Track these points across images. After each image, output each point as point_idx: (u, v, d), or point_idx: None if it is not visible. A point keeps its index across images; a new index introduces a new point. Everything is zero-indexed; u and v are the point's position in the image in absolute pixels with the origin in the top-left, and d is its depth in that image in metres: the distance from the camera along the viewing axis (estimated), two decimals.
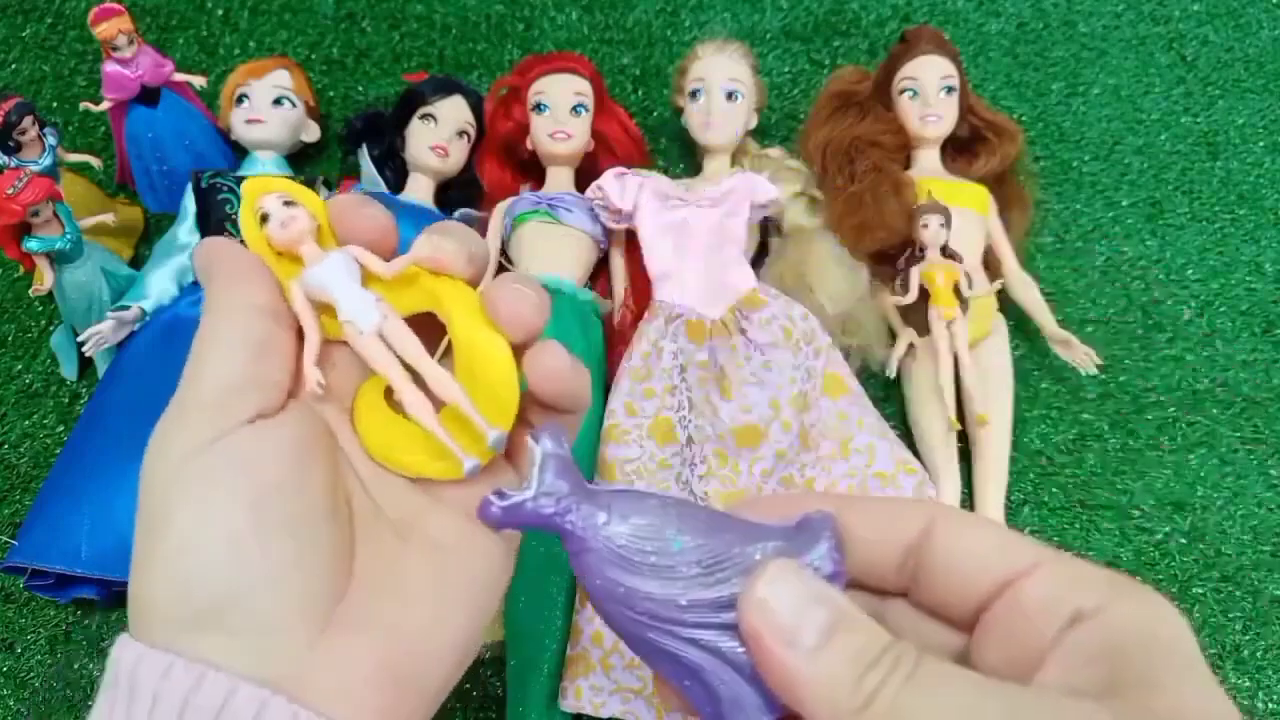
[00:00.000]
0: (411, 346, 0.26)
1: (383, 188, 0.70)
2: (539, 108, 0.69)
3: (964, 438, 0.64)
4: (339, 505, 0.25)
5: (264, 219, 0.26)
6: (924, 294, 0.65)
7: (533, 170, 0.73)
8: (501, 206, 0.70)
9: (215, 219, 0.68)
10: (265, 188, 0.27)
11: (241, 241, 0.27)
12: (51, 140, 0.67)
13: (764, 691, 0.21)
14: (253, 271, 0.26)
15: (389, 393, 0.26)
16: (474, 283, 0.27)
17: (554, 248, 0.67)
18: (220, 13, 0.88)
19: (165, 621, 0.22)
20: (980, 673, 0.20)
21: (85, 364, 0.68)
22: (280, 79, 0.73)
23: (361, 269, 0.26)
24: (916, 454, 0.63)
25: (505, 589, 0.27)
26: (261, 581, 0.22)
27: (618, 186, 0.66)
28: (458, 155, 0.71)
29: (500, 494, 0.24)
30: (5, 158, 0.65)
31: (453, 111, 0.71)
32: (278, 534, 0.23)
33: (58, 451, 0.63)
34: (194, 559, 0.22)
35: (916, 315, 0.65)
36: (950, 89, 0.71)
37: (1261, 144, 0.81)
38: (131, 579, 0.23)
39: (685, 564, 0.21)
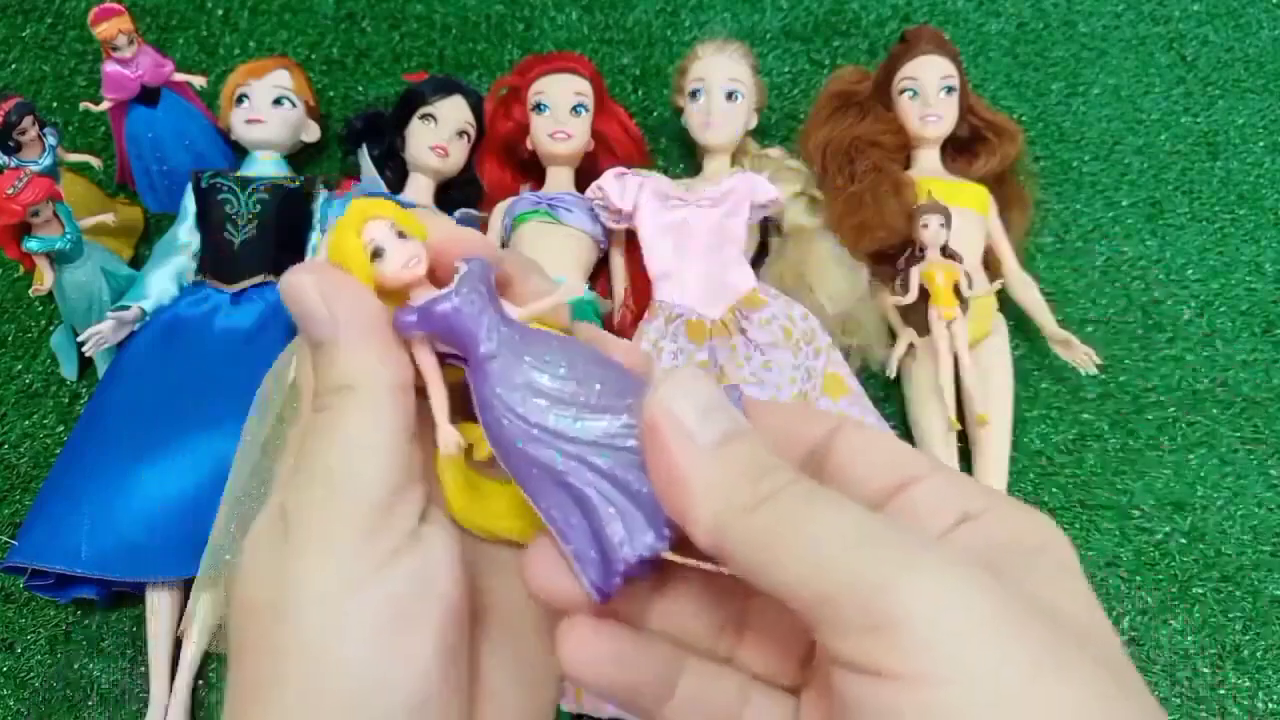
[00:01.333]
0: None
1: (383, 188, 0.70)
2: (539, 108, 0.69)
3: (964, 438, 0.64)
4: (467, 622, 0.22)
5: (376, 253, 0.22)
6: (924, 294, 0.65)
7: (533, 170, 0.73)
8: (501, 206, 0.70)
9: (215, 219, 0.68)
10: (374, 212, 0.22)
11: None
12: (51, 140, 0.67)
13: (652, 516, 0.20)
14: (386, 333, 0.22)
15: (467, 453, 0.23)
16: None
17: (554, 248, 0.67)
18: (220, 13, 0.88)
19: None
20: None
21: (85, 364, 0.68)
22: (280, 79, 0.73)
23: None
24: None
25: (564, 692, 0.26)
26: (435, 714, 0.20)
27: (618, 186, 0.66)
28: (458, 155, 0.71)
29: (412, 302, 0.22)
30: (5, 158, 0.65)
31: (453, 111, 0.71)
32: (455, 658, 0.20)
33: (58, 451, 0.63)
34: (376, 708, 0.19)
35: (916, 315, 0.65)
36: (950, 89, 0.71)
37: (1261, 144, 0.81)
38: (261, 681, 0.20)
39: (587, 388, 0.21)
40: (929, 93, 0.70)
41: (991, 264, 0.70)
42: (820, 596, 0.17)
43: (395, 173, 0.72)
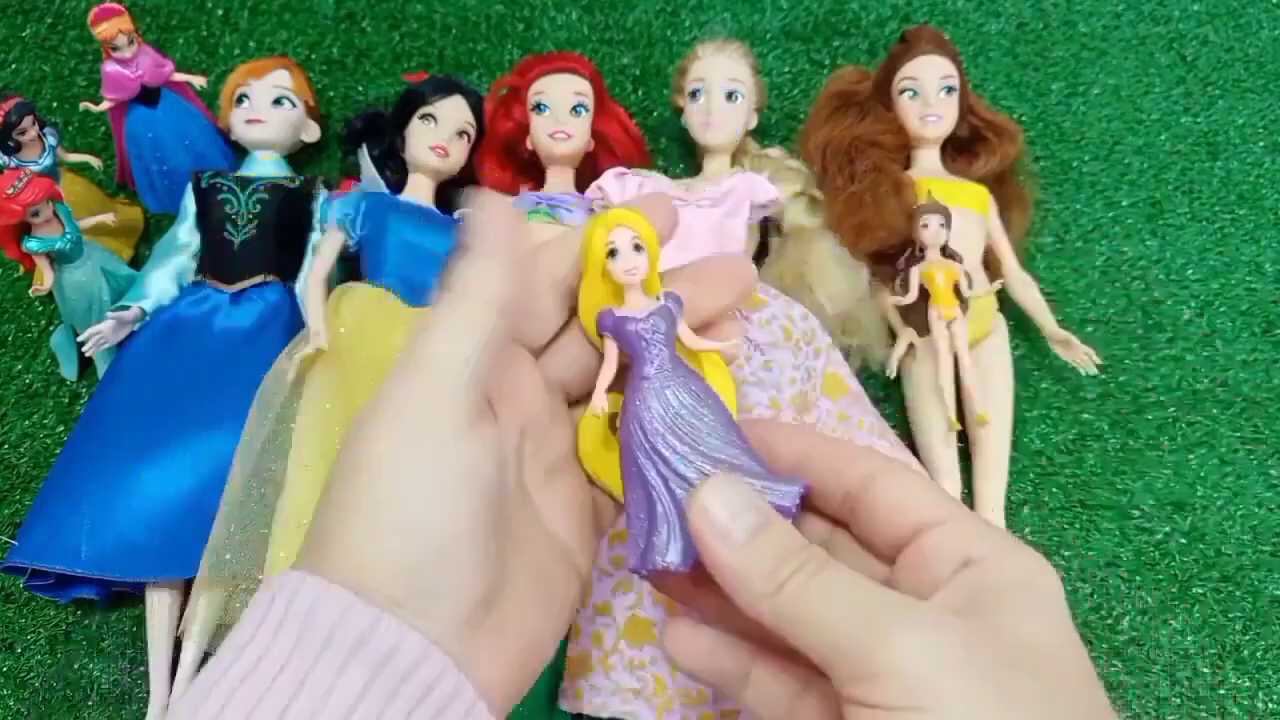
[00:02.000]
0: None
1: (383, 188, 0.70)
2: (539, 108, 0.69)
3: (964, 438, 0.64)
4: (507, 523, 0.27)
5: (612, 253, 0.28)
6: (924, 294, 0.65)
7: (533, 170, 0.73)
8: None
9: (215, 219, 0.68)
10: (626, 221, 0.29)
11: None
12: (51, 140, 0.67)
13: (687, 544, 0.27)
14: (512, 262, 0.27)
15: (612, 420, 0.30)
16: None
17: None
18: (220, 13, 0.88)
19: (357, 573, 0.23)
20: None
21: (85, 364, 0.68)
22: (280, 79, 0.73)
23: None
24: (916, 454, 0.63)
25: (574, 617, 0.31)
26: (459, 577, 0.24)
27: (618, 186, 0.66)
28: (458, 155, 0.71)
29: (616, 309, 0.29)
30: (5, 158, 0.65)
31: (453, 111, 0.71)
32: (484, 535, 0.25)
33: (58, 451, 0.63)
34: (410, 543, 0.24)
35: (916, 315, 0.65)
36: (950, 89, 0.71)
37: (1261, 144, 0.81)
38: (328, 520, 0.24)
39: (697, 436, 0.28)
40: (929, 93, 0.70)
41: (991, 264, 0.70)
42: (828, 657, 0.23)
43: (395, 173, 0.72)
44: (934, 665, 0.21)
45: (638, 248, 0.28)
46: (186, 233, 0.69)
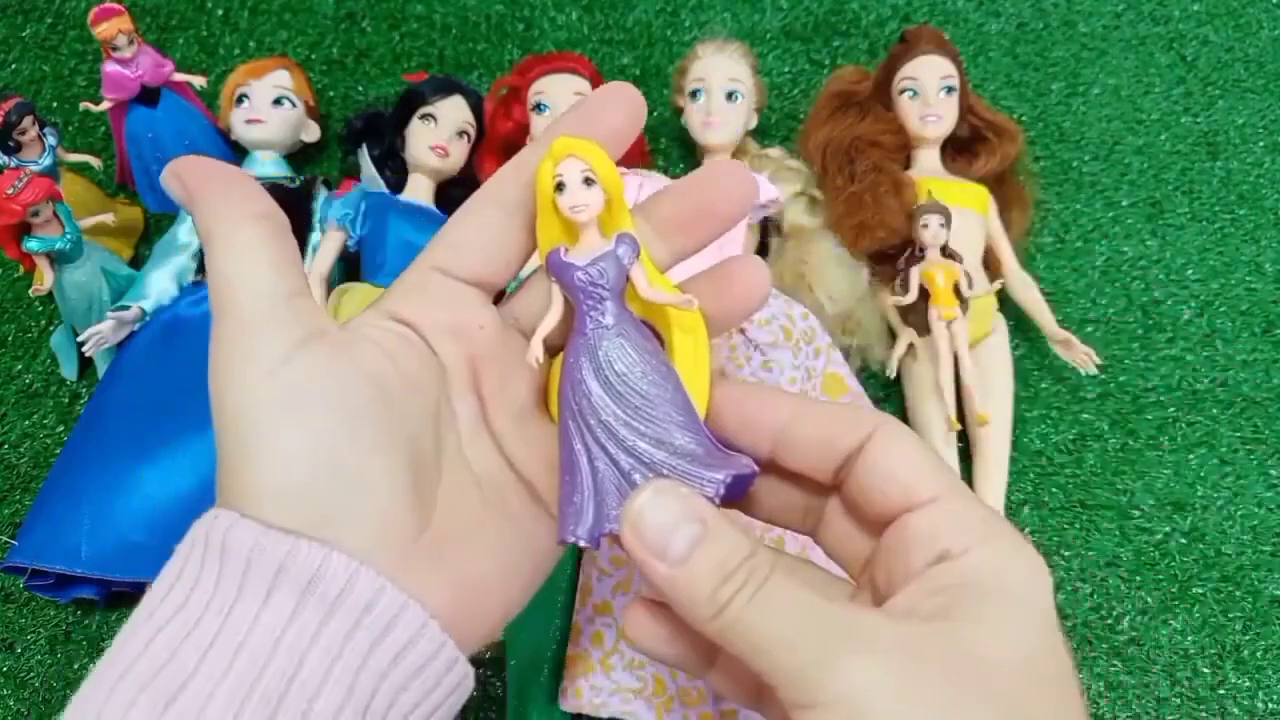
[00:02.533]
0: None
1: (383, 188, 0.70)
2: (539, 108, 0.69)
3: (964, 438, 0.64)
4: (425, 445, 0.25)
5: (559, 186, 0.26)
6: (924, 294, 0.65)
7: None
8: None
9: None
10: (575, 152, 0.26)
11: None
12: (51, 140, 0.67)
13: (610, 518, 0.25)
14: (229, 185, 0.26)
15: None
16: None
17: None
18: (220, 13, 0.88)
19: (262, 510, 0.23)
20: (867, 587, 0.25)
21: (85, 364, 0.68)
22: (280, 79, 0.73)
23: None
24: None
25: (550, 571, 0.29)
26: (361, 493, 0.23)
27: None
28: (458, 155, 0.71)
29: (565, 250, 0.27)
30: (5, 158, 0.65)
31: (453, 111, 0.71)
32: (372, 447, 0.24)
33: (58, 451, 0.63)
34: (297, 474, 0.23)
35: (916, 315, 0.65)
36: (950, 89, 0.71)
37: (1261, 144, 0.81)
38: (220, 477, 0.24)
39: (640, 395, 0.26)
40: (929, 93, 0.70)
41: (991, 264, 0.70)
42: (773, 680, 0.22)
43: (395, 173, 0.72)
44: (882, 695, 0.20)
45: (588, 181, 0.25)
46: (186, 233, 0.69)
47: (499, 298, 0.30)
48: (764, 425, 0.27)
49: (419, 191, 0.70)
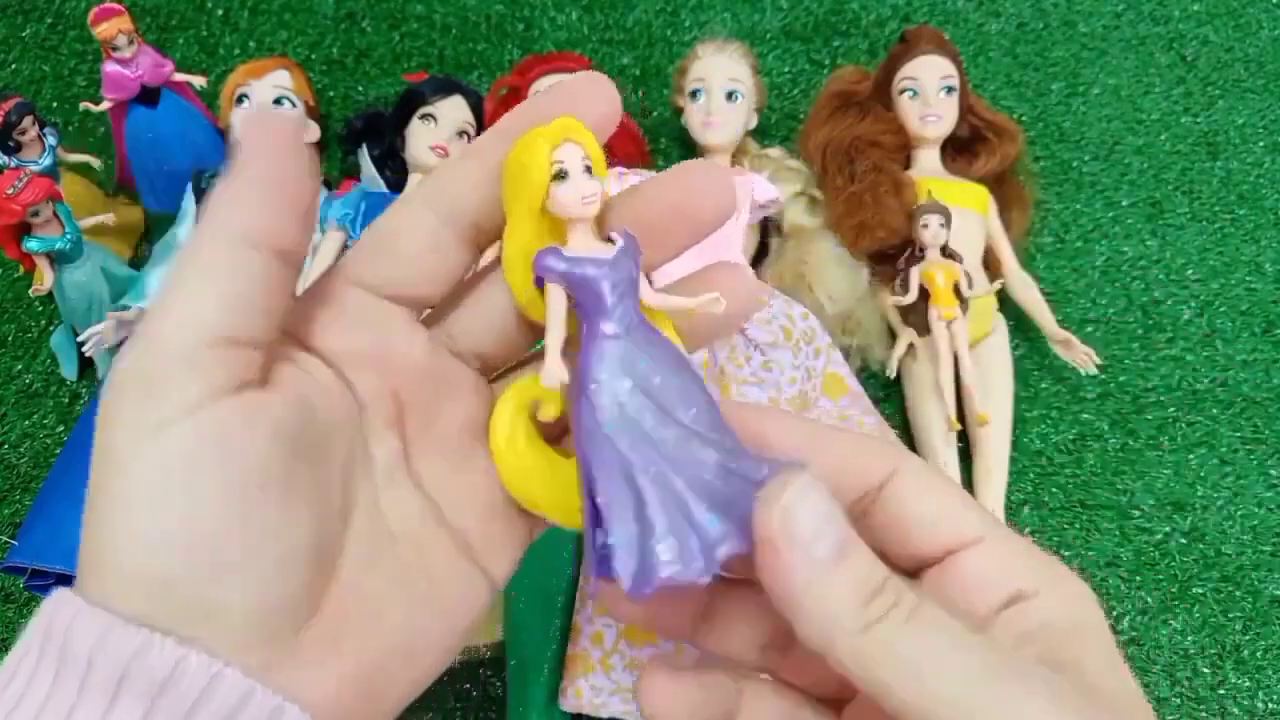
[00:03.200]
0: None
1: (383, 188, 0.70)
2: None
3: (964, 437, 0.64)
4: (331, 508, 0.22)
5: (560, 175, 0.21)
6: (924, 294, 0.65)
7: None
8: None
9: None
10: (576, 136, 0.22)
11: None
12: (51, 140, 0.67)
13: (709, 552, 0.21)
14: (278, 179, 0.21)
15: (535, 419, 0.24)
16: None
17: None
18: (220, 13, 0.88)
19: (116, 592, 0.19)
20: None
21: (85, 364, 0.68)
22: (280, 79, 0.73)
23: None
24: (916, 454, 0.63)
25: (473, 629, 0.25)
26: (238, 581, 0.19)
27: (618, 186, 0.66)
28: (458, 155, 0.71)
29: (559, 248, 0.22)
30: (5, 158, 0.65)
31: (453, 111, 0.71)
32: (259, 536, 0.20)
33: (58, 451, 0.63)
34: (164, 565, 0.19)
35: (916, 315, 0.65)
36: (950, 89, 0.71)
37: (1261, 144, 0.81)
38: (87, 529, 0.20)
39: (684, 408, 0.21)
40: (929, 93, 0.70)
41: (991, 264, 0.70)
42: (918, 717, 0.19)
43: (395, 173, 0.72)
44: None
45: (589, 170, 0.22)
46: (186, 233, 0.69)
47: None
48: (778, 451, 0.24)
49: None
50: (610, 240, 0.23)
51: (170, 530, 0.19)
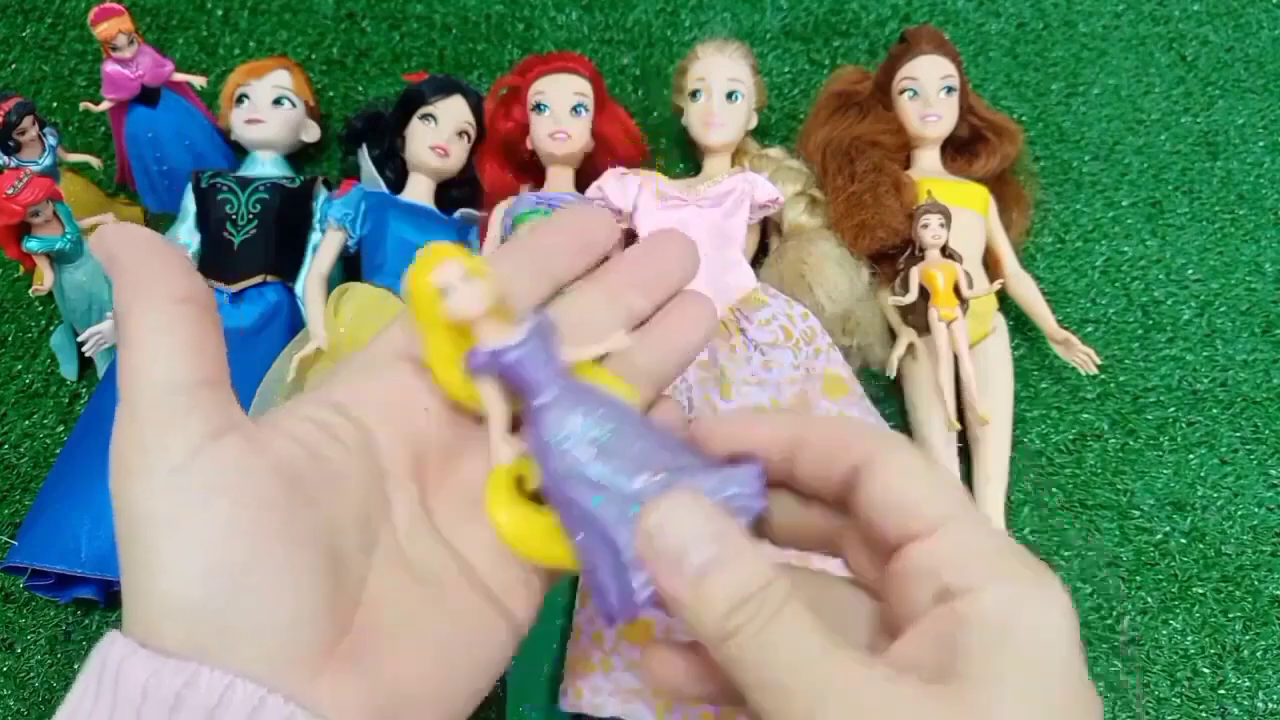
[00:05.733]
0: None
1: (383, 188, 0.70)
2: (539, 108, 0.69)
3: (964, 438, 0.64)
4: (348, 542, 0.23)
5: (443, 293, 0.24)
6: (924, 294, 0.65)
7: (533, 170, 0.73)
8: (502, 207, 0.70)
9: (215, 219, 0.68)
10: (438, 257, 0.25)
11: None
12: (51, 140, 0.67)
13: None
14: (169, 257, 0.23)
15: (519, 481, 0.26)
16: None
17: None
18: (220, 13, 0.88)
19: (157, 632, 0.21)
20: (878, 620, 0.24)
21: (85, 364, 0.68)
22: (280, 79, 0.73)
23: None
24: None
25: (501, 672, 0.26)
26: (259, 604, 0.21)
27: (618, 186, 0.66)
28: (458, 155, 0.71)
29: (477, 348, 0.25)
30: (5, 158, 0.65)
31: (453, 111, 0.71)
32: (274, 561, 0.21)
33: (58, 451, 0.63)
34: (191, 592, 0.21)
35: (916, 315, 0.65)
36: (950, 89, 0.71)
37: (1261, 144, 0.81)
38: (127, 610, 0.22)
39: (628, 445, 0.24)
40: (929, 93, 0.70)
41: (991, 264, 0.70)
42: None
43: (395, 173, 0.72)
44: None
45: (467, 277, 0.24)
46: (186, 233, 0.69)
47: None
48: (774, 448, 0.25)
49: (419, 191, 0.70)
50: (524, 321, 0.25)
51: (192, 563, 0.21)
